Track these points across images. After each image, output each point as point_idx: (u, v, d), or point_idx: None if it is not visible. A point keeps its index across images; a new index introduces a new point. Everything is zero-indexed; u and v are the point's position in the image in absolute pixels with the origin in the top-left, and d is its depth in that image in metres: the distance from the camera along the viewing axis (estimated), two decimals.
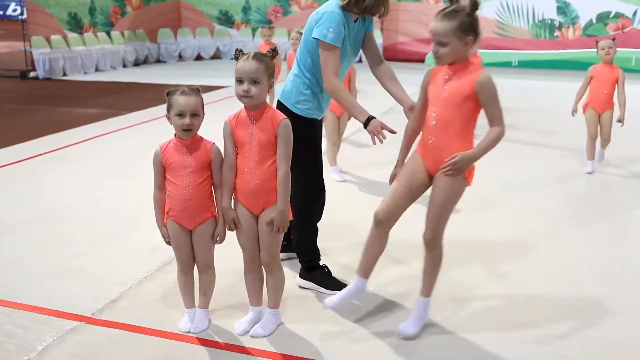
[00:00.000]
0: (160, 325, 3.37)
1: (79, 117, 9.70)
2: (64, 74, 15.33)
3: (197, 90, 3.12)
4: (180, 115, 3.05)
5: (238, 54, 3.06)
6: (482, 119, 3.10)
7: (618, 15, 17.85)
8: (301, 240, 3.84)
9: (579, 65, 17.55)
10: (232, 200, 3.18)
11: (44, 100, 11.77)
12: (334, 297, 3.30)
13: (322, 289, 3.77)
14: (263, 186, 3.08)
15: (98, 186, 6.01)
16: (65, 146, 7.69)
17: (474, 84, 2.97)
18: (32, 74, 14.97)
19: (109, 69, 16.77)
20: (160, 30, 19.32)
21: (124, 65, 17.46)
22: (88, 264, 4.19)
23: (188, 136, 3.10)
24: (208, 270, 3.30)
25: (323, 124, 5.61)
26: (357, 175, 6.54)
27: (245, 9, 20.33)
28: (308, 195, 3.72)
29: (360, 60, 18.79)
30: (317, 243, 3.87)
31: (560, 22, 18.48)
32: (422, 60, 19.11)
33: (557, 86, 13.89)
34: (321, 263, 3.86)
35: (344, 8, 3.53)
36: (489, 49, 18.07)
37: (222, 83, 13.18)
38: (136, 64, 17.99)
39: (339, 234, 4.69)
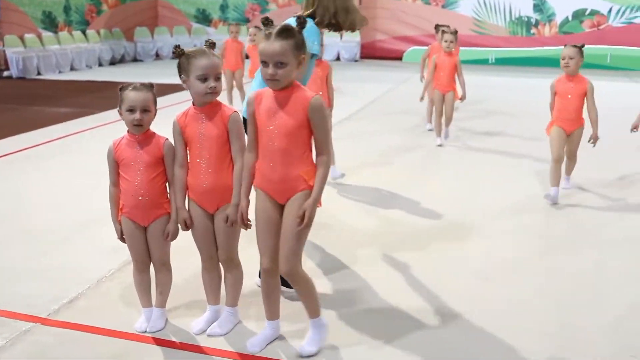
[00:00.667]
0: (117, 325, 3.32)
1: (51, 116, 9.58)
2: (39, 73, 15.16)
3: (150, 86, 3.09)
4: (131, 110, 3.01)
5: (177, 50, 3.06)
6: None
7: (593, 13, 18.01)
8: None
9: (555, 62, 17.41)
10: (187, 199, 3.14)
11: (17, 99, 11.62)
12: (255, 341, 3.12)
13: (283, 287, 3.74)
14: (216, 184, 3.03)
15: (66, 185, 5.95)
16: (36, 145, 7.59)
17: (306, 109, 2.79)
18: (5, 73, 14.79)
19: (85, 67, 16.61)
20: (137, 28, 19.18)
21: (100, 64, 17.31)
22: (48, 263, 4.13)
23: (139, 131, 3.06)
24: (164, 268, 3.26)
25: None
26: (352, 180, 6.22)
27: (223, 7, 20.26)
28: None
29: (338, 59, 18.90)
30: None
31: (536, 20, 18.60)
32: (399, 58, 19.17)
33: (533, 83, 13.96)
34: None
35: (316, 24, 3.71)
36: (466, 47, 18.11)
37: None
38: (112, 62, 17.84)
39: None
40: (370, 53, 19.58)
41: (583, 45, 5.39)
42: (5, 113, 9.95)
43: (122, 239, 3.22)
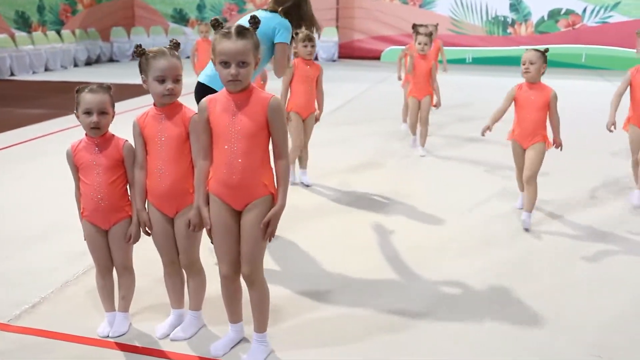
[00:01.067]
0: (80, 330, 3.26)
1: (22, 118, 9.45)
2: (12, 74, 14.97)
3: (107, 88, 3.04)
4: (88, 113, 2.96)
5: (138, 50, 3.01)
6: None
7: (569, 12, 18.16)
8: None
9: None
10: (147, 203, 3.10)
11: None
12: (219, 345, 3.09)
13: None
14: (175, 187, 2.98)
15: (35, 187, 5.87)
16: (7, 147, 7.49)
17: (266, 110, 2.74)
18: None
19: (59, 68, 16.44)
20: (113, 28, 19.02)
21: (75, 65, 17.14)
22: (11, 267, 4.06)
23: (96, 134, 3.01)
24: (126, 272, 3.22)
25: (288, 125, 5.58)
26: (324, 181, 6.16)
27: (200, 7, 20.15)
28: None
29: (316, 59, 18.84)
30: None
31: (512, 19, 18.72)
32: (377, 58, 19.19)
33: (510, 82, 14.01)
34: None
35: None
36: (443, 46, 18.19)
37: None
38: (88, 63, 17.67)
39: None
40: (348, 53, 19.59)
41: (547, 50, 4.75)
42: None
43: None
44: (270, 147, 2.82)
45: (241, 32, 2.68)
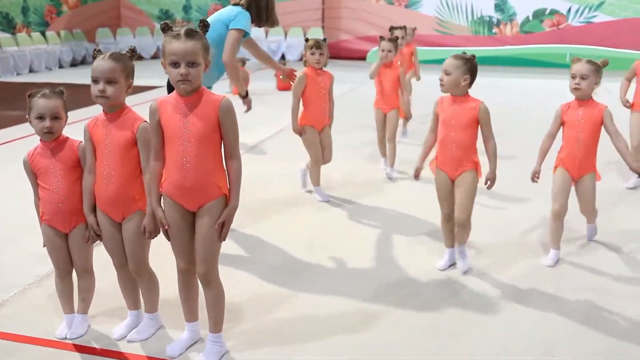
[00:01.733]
0: (40, 332, 3.29)
1: (4, 119, 9.45)
2: None
3: (60, 93, 3.06)
4: (40, 118, 2.98)
5: (96, 54, 3.00)
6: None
7: (553, 12, 18.23)
8: None
9: (516, 62, 17.95)
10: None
11: None
12: (175, 346, 3.11)
13: None
14: (121, 193, 3.00)
15: (6, 190, 5.87)
16: None
17: (217, 111, 2.77)
18: None
19: (44, 69, 16.39)
20: (98, 29, 18.98)
21: (60, 66, 17.10)
22: None
23: (50, 139, 3.04)
24: (86, 274, 3.25)
25: (302, 140, 5.50)
26: (339, 193, 5.86)
27: (186, 8, 20.12)
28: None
29: (301, 59, 18.85)
30: None
31: (498, 19, 18.79)
32: (363, 58, 19.21)
33: (495, 82, 14.10)
34: None
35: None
36: (428, 46, 18.29)
37: (162, 83, 12.92)
38: (73, 64, 17.63)
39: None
40: (334, 53, 19.48)
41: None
42: None
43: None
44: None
45: (190, 33, 2.72)
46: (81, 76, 15.06)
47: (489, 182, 3.92)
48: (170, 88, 4.20)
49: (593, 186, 4.23)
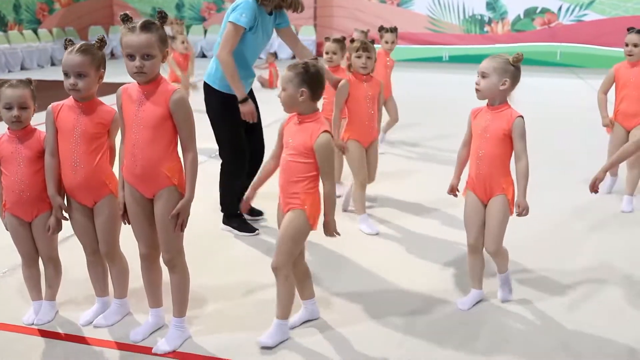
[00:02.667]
0: (8, 319, 3.34)
1: None
2: None
3: (28, 82, 3.12)
4: (8, 108, 3.03)
5: (67, 44, 3.05)
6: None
7: (544, 11, 18.30)
8: (226, 193, 4.61)
9: None
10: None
11: None
12: (139, 330, 3.17)
13: (237, 231, 4.60)
14: (90, 179, 3.05)
15: None
16: None
17: (168, 102, 2.82)
18: None
19: (36, 67, 16.43)
20: (91, 27, 19.01)
21: (53, 64, 17.11)
22: None
23: (18, 127, 3.09)
24: (51, 262, 3.30)
25: (346, 158, 4.69)
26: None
27: (179, 6, 20.18)
28: (230, 160, 4.51)
29: (294, 57, 18.89)
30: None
31: (489, 18, 18.86)
32: None
33: None
34: (239, 212, 4.39)
35: (259, 2, 4.23)
36: (420, 44, 18.38)
37: None
38: None
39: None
40: None
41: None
42: None
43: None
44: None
45: (146, 26, 2.78)
46: None
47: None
48: (205, 96, 4.52)
49: (498, 213, 3.33)
